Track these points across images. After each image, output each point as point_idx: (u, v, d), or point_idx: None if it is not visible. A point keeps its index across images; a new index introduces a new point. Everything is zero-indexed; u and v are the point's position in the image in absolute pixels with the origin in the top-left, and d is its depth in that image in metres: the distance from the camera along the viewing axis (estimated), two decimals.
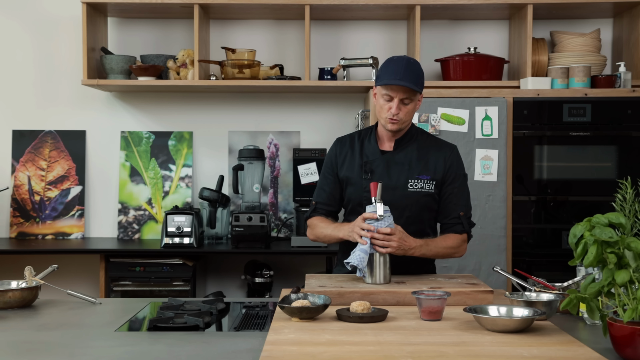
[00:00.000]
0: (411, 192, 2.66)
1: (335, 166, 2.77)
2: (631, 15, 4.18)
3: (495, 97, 3.88)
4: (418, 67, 2.63)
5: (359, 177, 2.70)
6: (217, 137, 4.49)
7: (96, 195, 4.48)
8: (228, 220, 4.24)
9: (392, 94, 2.59)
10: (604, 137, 3.91)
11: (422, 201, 2.68)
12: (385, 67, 2.62)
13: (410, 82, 2.56)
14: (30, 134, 4.46)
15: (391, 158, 2.70)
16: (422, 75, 2.63)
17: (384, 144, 2.74)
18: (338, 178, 2.76)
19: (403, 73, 2.56)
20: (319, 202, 2.79)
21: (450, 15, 4.35)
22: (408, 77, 2.56)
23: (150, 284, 3.96)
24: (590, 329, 2.14)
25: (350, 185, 2.73)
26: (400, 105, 2.60)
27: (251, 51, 4.22)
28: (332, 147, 2.82)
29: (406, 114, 2.62)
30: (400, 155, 2.70)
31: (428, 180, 2.67)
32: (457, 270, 3.81)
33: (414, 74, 2.58)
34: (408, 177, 2.67)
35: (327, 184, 2.78)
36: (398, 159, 2.70)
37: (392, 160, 2.69)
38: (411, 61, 2.62)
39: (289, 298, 2.23)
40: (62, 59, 4.47)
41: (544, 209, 3.91)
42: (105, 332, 2.16)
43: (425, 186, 2.67)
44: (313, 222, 2.78)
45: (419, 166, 2.68)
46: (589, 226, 1.86)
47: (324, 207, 2.78)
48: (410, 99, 2.60)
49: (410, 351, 1.79)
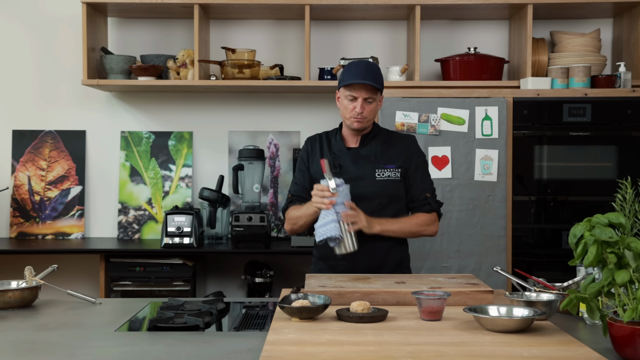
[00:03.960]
0: (379, 180, 2.83)
1: (307, 162, 2.94)
2: (631, 15, 4.18)
3: (495, 97, 3.88)
4: (378, 69, 2.82)
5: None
6: (217, 137, 4.49)
7: (96, 195, 4.48)
8: (228, 220, 4.24)
9: (355, 94, 2.77)
10: (604, 137, 3.91)
11: (390, 189, 2.84)
12: (347, 70, 2.80)
13: (372, 81, 2.74)
14: (30, 134, 4.46)
15: (357, 152, 2.87)
16: (381, 77, 2.82)
17: (348, 142, 2.91)
18: (309, 172, 2.92)
19: (364, 74, 2.75)
20: (294, 194, 2.95)
21: (450, 15, 4.35)
22: (369, 77, 2.75)
23: (150, 284, 3.96)
24: (590, 329, 2.14)
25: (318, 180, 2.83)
26: (364, 104, 2.77)
27: (251, 51, 4.23)
28: (304, 145, 2.99)
29: (370, 113, 2.80)
30: (365, 149, 2.87)
31: (394, 169, 2.84)
32: (457, 270, 3.81)
33: (374, 74, 2.77)
34: (375, 167, 2.84)
35: (300, 177, 2.95)
36: (364, 153, 2.87)
37: (358, 154, 2.87)
38: (371, 64, 2.83)
39: (289, 298, 2.23)
40: (62, 59, 4.47)
41: (544, 209, 3.91)
42: (105, 332, 2.16)
43: (392, 174, 2.84)
44: (289, 212, 2.93)
45: (384, 157, 2.86)
46: (589, 226, 1.86)
47: (298, 198, 2.94)
48: (372, 98, 2.78)
49: (410, 351, 1.79)
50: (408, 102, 3.85)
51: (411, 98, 3.87)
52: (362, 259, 2.76)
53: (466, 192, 3.84)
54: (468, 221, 3.83)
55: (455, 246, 3.83)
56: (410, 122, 3.83)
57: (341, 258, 2.71)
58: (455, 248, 3.84)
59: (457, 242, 3.83)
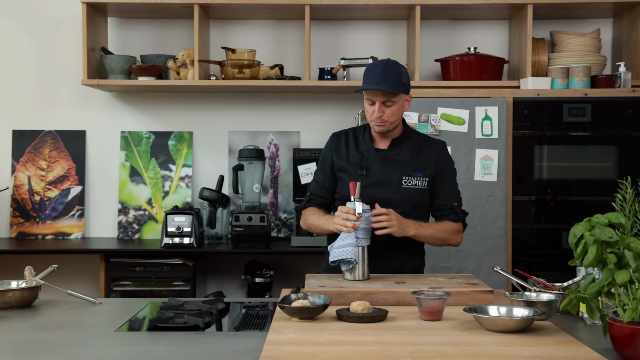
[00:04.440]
0: (405, 188, 2.73)
1: (330, 159, 2.83)
2: (631, 15, 4.18)
3: (495, 97, 3.88)
4: (397, 69, 2.68)
5: (354, 172, 2.76)
6: (217, 137, 4.49)
7: (96, 195, 4.48)
8: (228, 220, 4.24)
9: (372, 98, 2.68)
10: (604, 137, 3.91)
11: (415, 198, 2.74)
12: (365, 73, 2.70)
13: (388, 85, 2.62)
14: (30, 134, 4.46)
15: (385, 155, 2.77)
16: (401, 76, 2.67)
17: (377, 143, 2.81)
18: (333, 171, 2.82)
19: (380, 77, 2.63)
20: (313, 193, 2.86)
21: (450, 15, 4.35)
22: (385, 80, 2.63)
23: (150, 284, 3.96)
24: (590, 329, 2.14)
25: (343, 181, 2.77)
26: (383, 107, 2.67)
27: (251, 51, 4.22)
28: (329, 141, 2.89)
29: (391, 115, 2.68)
30: (395, 153, 2.77)
31: (421, 177, 2.74)
32: (457, 270, 3.81)
33: (391, 76, 2.64)
34: (402, 174, 2.74)
35: (322, 176, 2.85)
36: (392, 157, 2.77)
37: (387, 157, 2.76)
38: (390, 64, 2.68)
39: (289, 298, 2.23)
40: (62, 59, 4.47)
41: (544, 209, 3.91)
42: (105, 332, 2.16)
43: (418, 183, 2.74)
44: (307, 212, 2.84)
45: (412, 164, 2.75)
46: (589, 226, 1.86)
47: (317, 198, 2.85)
48: (391, 101, 2.66)
49: (410, 351, 1.79)
50: None
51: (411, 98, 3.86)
52: (379, 267, 2.65)
53: (466, 192, 3.82)
54: (468, 221, 3.81)
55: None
56: (410, 122, 3.83)
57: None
58: (455, 248, 3.83)
59: None
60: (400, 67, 2.69)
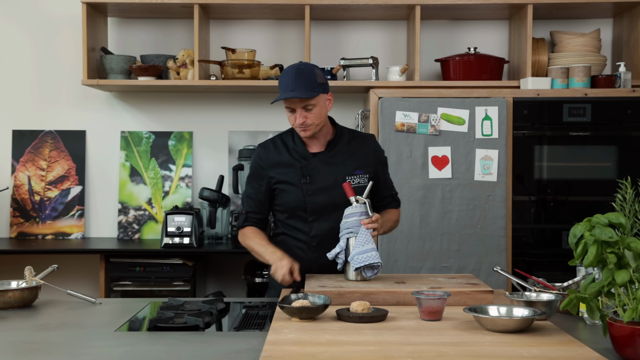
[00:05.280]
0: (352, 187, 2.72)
1: (265, 172, 2.74)
2: (631, 15, 4.18)
3: (495, 97, 3.88)
4: (310, 71, 2.62)
5: (296, 180, 2.70)
6: (217, 137, 4.49)
7: (96, 195, 4.48)
8: (228, 220, 4.24)
9: (292, 106, 2.63)
10: (604, 137, 3.91)
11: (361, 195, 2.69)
12: (280, 82, 2.64)
13: (303, 89, 2.57)
14: (30, 134, 4.46)
15: (324, 159, 2.72)
16: (316, 78, 2.61)
17: (310, 147, 2.75)
18: (268, 185, 2.74)
19: (294, 84, 2.58)
20: (249, 211, 2.78)
21: (450, 15, 4.35)
22: (299, 86, 2.57)
23: (150, 284, 3.96)
24: (590, 329, 2.14)
25: (285, 192, 2.72)
26: (304, 113, 2.62)
27: (251, 51, 4.22)
28: (256, 153, 2.80)
29: (315, 118, 2.64)
30: (332, 154, 2.73)
31: (362, 175, 2.74)
32: (457, 270, 3.81)
33: (306, 80, 2.59)
34: (345, 174, 2.71)
35: (255, 191, 2.77)
36: (331, 159, 2.73)
37: (326, 160, 2.72)
38: (302, 67, 2.62)
39: (289, 298, 2.23)
40: (62, 59, 4.47)
41: (544, 209, 3.91)
42: (105, 332, 2.16)
43: (361, 181, 2.73)
44: (246, 233, 2.77)
45: (352, 163, 2.74)
46: (589, 226, 1.86)
47: (254, 215, 2.78)
48: (311, 104, 2.61)
49: (410, 351, 1.79)
50: (408, 102, 3.85)
51: (411, 98, 3.87)
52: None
53: (466, 192, 3.84)
54: (468, 221, 3.83)
55: (455, 246, 3.83)
56: (410, 122, 3.83)
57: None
58: (455, 248, 3.84)
59: (457, 242, 3.83)
60: (313, 69, 2.64)
